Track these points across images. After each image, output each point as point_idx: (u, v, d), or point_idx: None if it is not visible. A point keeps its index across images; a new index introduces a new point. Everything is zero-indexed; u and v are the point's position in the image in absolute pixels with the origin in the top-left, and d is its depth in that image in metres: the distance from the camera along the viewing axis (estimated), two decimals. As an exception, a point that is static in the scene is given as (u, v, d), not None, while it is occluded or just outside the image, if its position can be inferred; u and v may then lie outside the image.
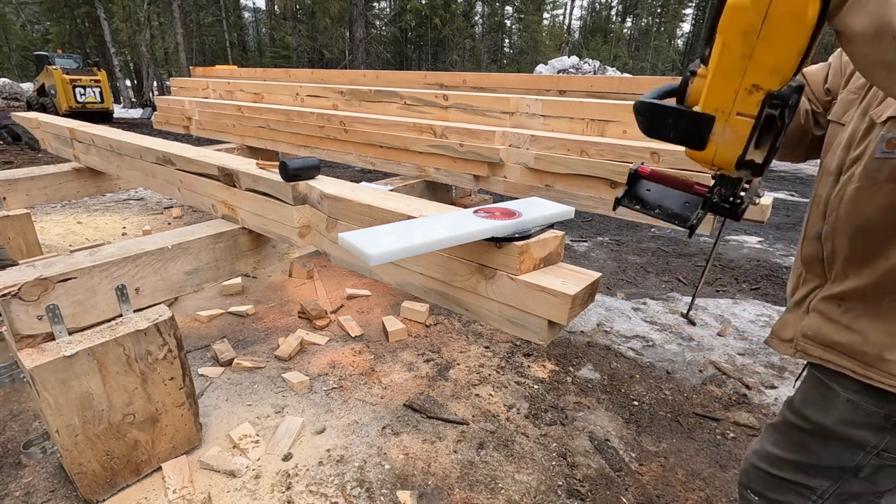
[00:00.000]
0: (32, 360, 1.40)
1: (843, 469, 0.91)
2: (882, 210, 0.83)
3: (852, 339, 0.87)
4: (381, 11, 31.19)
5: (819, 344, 0.93)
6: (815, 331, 0.93)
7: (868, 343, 0.85)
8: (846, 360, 0.88)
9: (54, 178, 3.38)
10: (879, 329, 0.84)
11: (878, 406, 0.87)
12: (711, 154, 0.73)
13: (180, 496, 1.61)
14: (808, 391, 0.97)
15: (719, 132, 0.71)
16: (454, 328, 2.83)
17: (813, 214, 0.98)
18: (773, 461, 1.00)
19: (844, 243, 0.90)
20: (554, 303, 1.06)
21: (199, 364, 2.38)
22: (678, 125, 0.74)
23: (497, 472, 1.82)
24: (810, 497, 0.96)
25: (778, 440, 1.01)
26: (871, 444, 0.88)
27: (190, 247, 1.86)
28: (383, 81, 4.23)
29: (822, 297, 0.94)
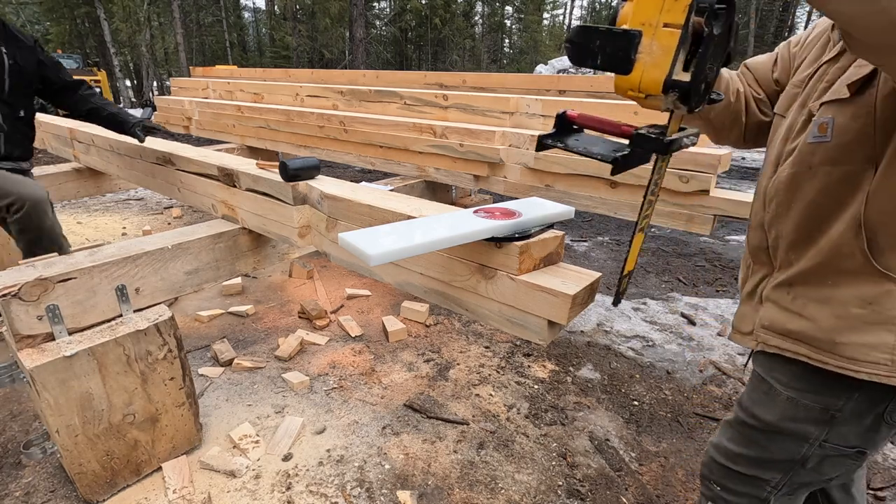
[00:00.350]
0: (32, 361, 1.40)
1: (791, 461, 0.95)
2: (819, 192, 0.85)
3: (805, 326, 0.88)
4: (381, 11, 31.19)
5: (777, 334, 0.94)
6: (771, 321, 0.94)
7: (819, 329, 0.86)
8: (802, 347, 0.89)
9: (54, 178, 3.38)
10: (826, 313, 0.85)
11: (815, 401, 0.90)
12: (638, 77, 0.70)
13: (180, 496, 1.61)
14: (753, 390, 1.00)
15: (646, 50, 0.68)
16: (454, 328, 2.83)
17: (755, 205, 1.00)
18: (730, 456, 1.05)
19: (787, 228, 0.91)
20: (554, 303, 1.06)
21: (199, 364, 2.38)
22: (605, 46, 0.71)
23: (497, 472, 1.82)
24: (765, 488, 1.01)
25: (733, 436, 1.05)
26: (814, 436, 0.91)
27: (190, 247, 1.86)
28: (383, 81, 4.23)
29: (773, 285, 0.95)
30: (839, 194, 0.83)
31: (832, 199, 0.84)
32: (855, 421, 0.88)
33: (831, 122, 0.83)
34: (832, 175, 0.83)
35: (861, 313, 0.82)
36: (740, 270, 1.08)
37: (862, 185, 0.80)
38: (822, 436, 0.91)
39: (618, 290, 0.97)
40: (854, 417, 0.88)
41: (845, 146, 0.81)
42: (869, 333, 0.81)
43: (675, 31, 0.65)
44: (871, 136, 0.78)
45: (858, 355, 0.82)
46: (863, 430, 0.89)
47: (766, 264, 0.98)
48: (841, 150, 0.82)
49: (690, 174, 2.01)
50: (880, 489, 1.78)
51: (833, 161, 0.83)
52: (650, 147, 0.76)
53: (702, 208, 2.21)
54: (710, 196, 2.18)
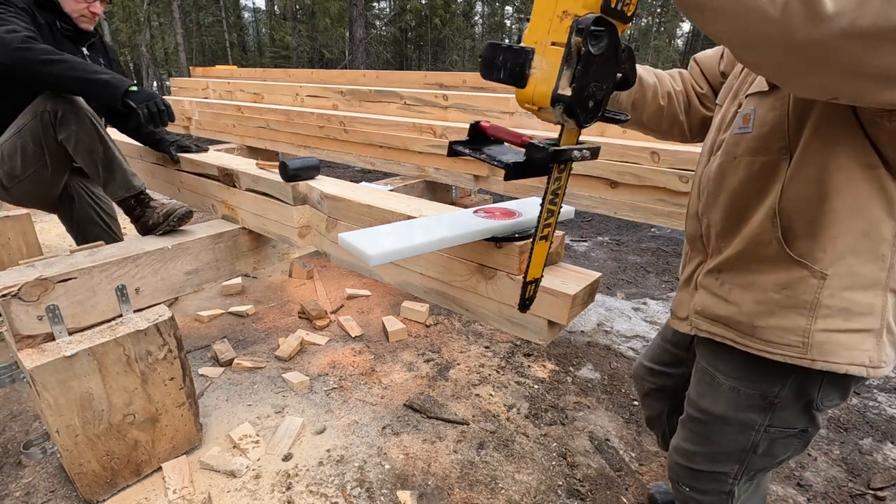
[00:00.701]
0: (32, 361, 1.40)
1: (743, 450, 0.98)
2: (741, 182, 0.89)
3: (730, 311, 0.92)
4: (381, 11, 31.17)
5: (707, 319, 0.97)
6: (703, 306, 0.98)
7: (742, 313, 0.90)
8: (728, 332, 0.93)
9: (54, 178, 3.37)
10: (749, 298, 0.89)
11: (753, 388, 0.93)
12: (531, 91, 0.76)
13: (180, 496, 1.61)
14: (698, 382, 1.04)
15: (538, 66, 0.74)
16: (454, 328, 2.83)
17: (691, 195, 1.05)
18: (688, 456, 1.07)
19: (716, 217, 0.95)
20: (554, 302, 1.06)
21: (199, 364, 2.39)
22: (507, 62, 0.77)
23: (497, 472, 1.82)
24: (727, 481, 1.03)
25: (687, 435, 1.08)
26: (758, 423, 0.95)
27: (190, 247, 1.86)
28: (383, 81, 4.23)
29: (705, 272, 0.99)
30: (759, 184, 0.86)
31: (753, 188, 0.87)
32: (793, 406, 0.92)
33: (753, 114, 0.86)
34: (753, 165, 0.87)
35: (778, 298, 0.85)
36: (682, 259, 1.11)
37: (778, 175, 0.83)
38: (765, 422, 0.94)
39: (523, 297, 0.99)
40: (791, 403, 0.91)
41: (764, 137, 0.84)
42: (784, 317, 0.85)
43: (560, 49, 0.71)
44: (785, 127, 0.81)
45: (774, 338, 0.86)
46: (801, 413, 0.92)
47: (701, 252, 1.02)
48: (760, 140, 0.85)
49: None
50: (880, 489, 1.78)
51: (753, 151, 0.86)
52: (537, 155, 0.81)
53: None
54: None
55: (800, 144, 0.80)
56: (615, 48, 0.73)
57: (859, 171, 0.76)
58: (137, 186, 1.93)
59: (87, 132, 1.77)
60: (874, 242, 0.79)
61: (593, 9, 0.70)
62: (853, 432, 2.10)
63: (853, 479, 1.85)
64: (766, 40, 0.58)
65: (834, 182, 0.77)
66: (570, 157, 0.81)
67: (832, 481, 1.83)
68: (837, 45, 0.54)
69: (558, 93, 0.73)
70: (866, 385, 2.41)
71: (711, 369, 0.99)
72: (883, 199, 0.77)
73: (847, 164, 0.76)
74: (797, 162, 0.80)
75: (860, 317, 0.82)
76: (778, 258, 0.84)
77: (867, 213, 0.78)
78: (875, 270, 0.80)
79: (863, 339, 0.82)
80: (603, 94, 0.76)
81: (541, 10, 0.73)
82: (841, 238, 0.79)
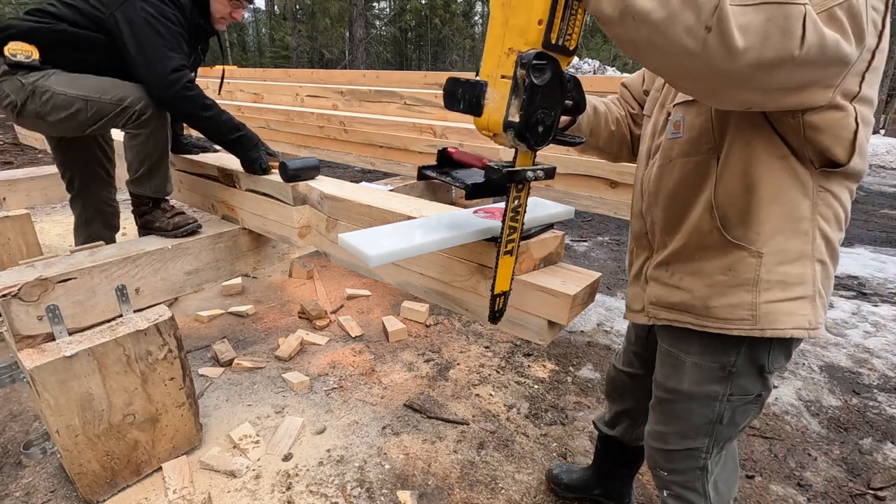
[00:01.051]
0: (32, 361, 1.40)
1: (711, 423, 1.07)
2: (678, 181, 0.99)
3: (684, 297, 1.01)
4: (381, 11, 31.17)
5: (663, 307, 1.06)
6: (657, 297, 1.07)
7: (695, 297, 0.99)
8: (686, 316, 1.02)
9: (54, 178, 3.37)
10: (699, 283, 0.99)
11: (714, 360, 1.02)
12: (486, 119, 0.84)
13: (180, 496, 1.61)
14: (663, 365, 1.12)
15: (491, 96, 0.83)
16: (454, 328, 2.83)
17: (634, 195, 1.15)
18: (662, 437, 1.14)
19: (659, 215, 1.05)
20: (554, 303, 1.06)
21: (199, 364, 2.39)
22: (464, 94, 0.86)
23: (497, 472, 1.82)
24: (700, 456, 1.11)
25: (658, 418, 1.15)
26: (721, 393, 1.03)
27: (190, 247, 1.86)
28: (383, 81, 4.23)
29: (654, 266, 1.08)
30: (694, 182, 0.97)
31: (689, 186, 0.98)
32: (748, 373, 1.01)
33: (682, 120, 0.98)
34: (687, 166, 0.98)
35: (724, 279, 0.95)
36: (627, 256, 1.21)
37: (710, 172, 0.94)
38: (727, 392, 1.03)
39: (492, 309, 1.05)
40: (746, 370, 1.01)
41: (693, 140, 0.96)
42: (733, 296, 0.95)
43: (509, 81, 0.80)
44: (710, 130, 0.93)
45: (727, 315, 0.96)
46: (756, 379, 1.02)
47: (647, 248, 1.12)
48: (690, 143, 0.96)
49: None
50: (880, 489, 1.78)
51: (686, 154, 0.98)
52: (493, 176, 0.90)
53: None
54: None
55: (724, 145, 0.91)
56: (559, 78, 0.82)
57: (776, 162, 0.88)
58: (167, 192, 1.94)
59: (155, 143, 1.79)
60: (796, 221, 0.90)
61: (535, 45, 0.79)
62: (853, 432, 2.10)
63: (853, 479, 1.85)
64: (691, 72, 0.71)
65: (757, 174, 0.89)
66: (525, 178, 0.90)
67: (832, 481, 1.83)
68: (749, 72, 0.68)
69: (508, 120, 0.82)
70: (866, 385, 2.42)
71: (674, 350, 1.08)
72: (798, 183, 0.89)
73: (764, 157, 0.88)
74: (724, 160, 0.92)
75: (795, 286, 0.93)
76: (719, 245, 0.95)
77: (787, 196, 0.89)
78: (800, 245, 0.91)
79: (801, 306, 0.93)
80: (552, 120, 0.85)
81: (491, 47, 0.83)
82: (769, 221, 0.90)
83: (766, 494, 1.76)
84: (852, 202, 0.95)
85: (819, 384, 2.42)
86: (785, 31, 0.65)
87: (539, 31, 0.78)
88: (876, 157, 11.90)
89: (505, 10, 0.81)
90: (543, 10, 0.77)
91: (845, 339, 2.87)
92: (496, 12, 0.82)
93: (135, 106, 1.69)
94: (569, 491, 1.69)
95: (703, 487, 1.13)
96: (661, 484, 1.20)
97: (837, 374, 2.51)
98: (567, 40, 0.82)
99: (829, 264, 0.96)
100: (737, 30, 0.65)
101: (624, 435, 1.51)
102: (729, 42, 0.65)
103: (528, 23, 0.78)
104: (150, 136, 1.75)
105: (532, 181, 0.91)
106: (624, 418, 1.50)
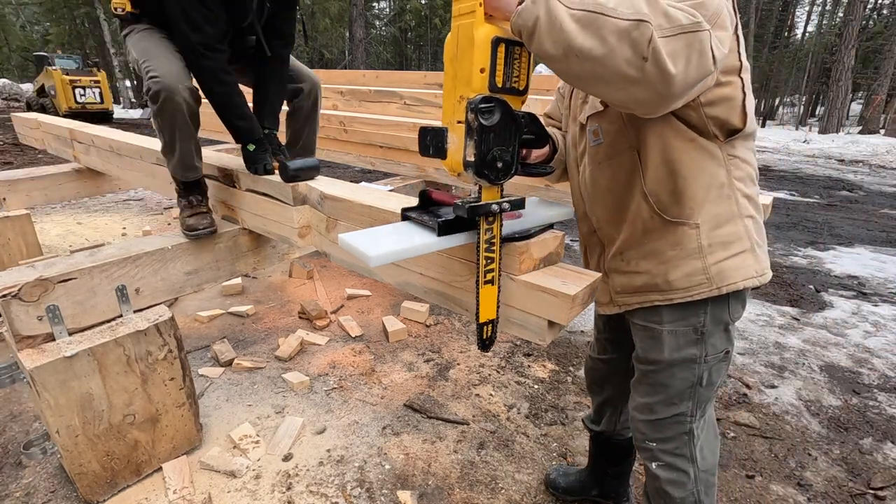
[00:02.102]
0: (33, 361, 1.40)
1: (692, 386, 1.15)
2: (610, 180, 1.12)
3: (645, 279, 1.12)
4: (380, 11, 31.16)
5: (630, 293, 1.16)
6: (622, 285, 1.18)
7: (655, 276, 1.10)
8: (652, 295, 1.12)
9: (54, 178, 3.38)
10: (654, 263, 1.10)
11: (686, 325, 1.11)
12: (450, 161, 0.94)
13: (181, 496, 1.61)
14: (642, 340, 1.19)
15: (451, 140, 0.93)
16: (454, 328, 2.83)
17: (574, 200, 1.27)
18: (648, 409, 1.21)
19: (601, 213, 1.17)
20: (554, 303, 1.06)
21: (199, 364, 2.39)
22: (432, 140, 0.96)
23: (497, 471, 1.82)
24: (685, 420, 1.18)
25: (644, 391, 1.22)
26: (698, 356, 1.12)
27: (190, 247, 1.86)
28: (383, 81, 4.23)
29: (609, 259, 1.19)
30: (624, 178, 1.09)
31: (620, 182, 1.10)
32: (716, 330, 1.11)
33: (600, 129, 1.10)
34: (614, 166, 1.10)
35: (674, 254, 1.07)
36: (582, 258, 1.33)
37: (636, 167, 1.06)
38: (703, 353, 1.12)
39: (480, 338, 1.10)
40: (714, 328, 1.11)
41: (613, 143, 1.09)
42: (685, 266, 1.07)
43: (462, 125, 0.89)
44: (626, 132, 1.05)
45: (687, 283, 1.07)
46: (723, 334, 1.12)
47: (598, 244, 1.23)
48: (612, 146, 1.09)
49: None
50: (880, 489, 1.78)
51: (611, 156, 1.10)
52: (458, 213, 0.98)
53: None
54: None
55: (641, 141, 1.04)
56: (511, 116, 0.90)
57: (687, 144, 1.01)
58: (185, 177, 1.88)
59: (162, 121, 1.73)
60: (718, 188, 1.04)
61: (481, 91, 0.87)
62: (853, 432, 2.10)
63: (853, 479, 1.85)
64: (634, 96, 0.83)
65: (674, 158, 1.02)
66: (489, 211, 0.97)
67: (832, 481, 1.83)
68: (682, 90, 0.81)
69: (466, 160, 0.90)
70: (866, 385, 2.42)
71: (649, 324, 1.16)
72: (710, 156, 1.02)
73: (677, 143, 1.01)
74: (644, 153, 1.04)
75: (733, 244, 1.06)
76: (661, 225, 1.07)
77: (705, 170, 1.02)
78: (727, 208, 1.05)
79: (744, 259, 1.06)
80: (510, 155, 0.93)
81: (446, 97, 0.93)
82: (696, 194, 1.03)
83: (766, 494, 1.76)
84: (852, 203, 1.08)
85: (819, 384, 2.42)
86: (702, 54, 0.79)
87: (483, 78, 0.87)
88: (876, 157, 11.90)
89: (453, 64, 0.90)
90: (484, 59, 0.86)
91: (845, 338, 2.87)
92: (447, 66, 0.92)
93: (149, 83, 1.66)
94: (567, 494, 1.70)
95: (690, 453, 1.19)
96: (649, 456, 1.25)
97: (837, 374, 2.51)
98: (515, 81, 0.90)
99: (756, 217, 1.09)
100: (667, 57, 0.77)
101: (609, 426, 1.55)
102: (664, 68, 0.77)
103: (472, 73, 0.87)
104: (156, 115, 1.72)
105: (498, 213, 0.99)
106: (607, 408, 1.54)
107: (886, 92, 18.34)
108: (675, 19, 0.78)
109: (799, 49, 30.94)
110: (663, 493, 1.22)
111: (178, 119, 1.71)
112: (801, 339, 2.85)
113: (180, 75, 1.66)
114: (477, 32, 0.86)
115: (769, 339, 2.84)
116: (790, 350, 2.72)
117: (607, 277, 1.20)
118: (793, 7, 28.19)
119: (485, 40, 0.86)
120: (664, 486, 1.21)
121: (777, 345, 2.78)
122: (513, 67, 0.89)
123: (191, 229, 1.85)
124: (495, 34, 0.86)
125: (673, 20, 0.78)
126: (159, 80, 1.63)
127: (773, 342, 2.80)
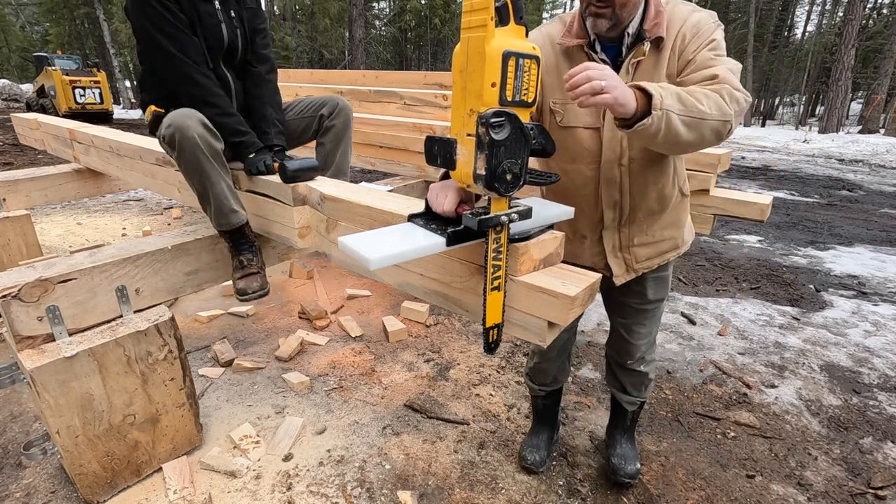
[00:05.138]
0: (33, 362, 1.40)
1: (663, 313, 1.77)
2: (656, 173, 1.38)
3: (669, 244, 1.49)
4: (380, 11, 31.13)
5: (654, 257, 1.48)
6: (647, 255, 1.47)
7: (677, 237, 1.49)
8: (671, 253, 1.50)
9: (54, 179, 3.38)
10: (674, 229, 1.48)
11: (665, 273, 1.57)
12: (459, 173, 0.95)
13: (181, 497, 1.61)
14: (653, 287, 1.56)
15: (460, 152, 0.94)
16: (454, 328, 2.83)
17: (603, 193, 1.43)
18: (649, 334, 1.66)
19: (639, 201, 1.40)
20: (554, 304, 1.06)
21: (199, 365, 2.39)
22: (440, 151, 0.97)
23: (498, 471, 1.82)
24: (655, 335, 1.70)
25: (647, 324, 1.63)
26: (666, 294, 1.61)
27: (190, 247, 1.86)
28: (383, 81, 4.23)
29: (634, 236, 1.44)
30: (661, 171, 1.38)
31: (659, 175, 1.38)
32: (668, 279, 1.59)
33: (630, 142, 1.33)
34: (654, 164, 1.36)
35: (684, 218, 1.51)
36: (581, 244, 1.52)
37: (668, 163, 1.38)
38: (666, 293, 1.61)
39: (486, 341, 1.13)
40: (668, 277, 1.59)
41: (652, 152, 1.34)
42: (687, 225, 1.54)
43: (473, 138, 0.90)
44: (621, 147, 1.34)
45: (689, 237, 1.56)
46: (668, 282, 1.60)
47: (615, 229, 1.45)
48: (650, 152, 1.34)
49: (690, 173, 2.01)
50: (880, 488, 1.78)
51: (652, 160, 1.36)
52: (469, 223, 0.99)
53: (702, 207, 2.21)
54: (709, 195, 2.18)
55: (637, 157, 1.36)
56: (520, 130, 0.90)
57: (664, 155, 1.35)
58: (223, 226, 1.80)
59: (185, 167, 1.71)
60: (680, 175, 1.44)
61: (492, 104, 0.87)
62: (853, 431, 2.10)
63: (853, 479, 1.85)
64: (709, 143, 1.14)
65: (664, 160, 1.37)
66: (498, 222, 0.99)
67: (832, 480, 1.83)
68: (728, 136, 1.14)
69: (477, 173, 0.91)
70: (866, 385, 2.42)
71: (661, 273, 1.55)
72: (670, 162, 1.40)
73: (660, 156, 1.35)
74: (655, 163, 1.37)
75: None
76: (680, 201, 1.47)
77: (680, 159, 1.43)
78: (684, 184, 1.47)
79: None
80: (519, 167, 0.94)
81: (455, 109, 0.93)
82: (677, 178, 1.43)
83: (766, 494, 1.76)
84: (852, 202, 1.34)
85: (819, 384, 2.42)
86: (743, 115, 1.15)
87: (493, 92, 0.87)
88: (876, 157, 11.90)
89: (463, 76, 0.90)
90: (495, 74, 0.86)
91: (845, 338, 2.87)
92: (456, 78, 0.92)
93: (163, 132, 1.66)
94: (542, 465, 1.82)
95: (653, 353, 1.74)
96: (637, 364, 1.70)
97: (838, 374, 2.51)
98: (525, 94, 0.90)
99: None
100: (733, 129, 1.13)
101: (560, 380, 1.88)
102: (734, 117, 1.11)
103: (483, 86, 0.87)
104: (178, 162, 1.71)
105: (506, 224, 1.00)
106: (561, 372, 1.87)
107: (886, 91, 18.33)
108: (742, 106, 1.10)
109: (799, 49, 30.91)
110: (647, 381, 1.74)
111: (199, 157, 1.66)
112: (801, 338, 2.85)
113: (188, 113, 1.66)
114: (488, 47, 0.85)
115: (769, 338, 2.84)
116: (790, 350, 2.72)
117: (628, 254, 1.46)
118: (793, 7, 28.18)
119: (496, 55, 0.85)
120: (649, 376, 1.73)
121: (777, 344, 2.78)
122: (522, 80, 0.89)
123: (241, 293, 1.81)
124: (506, 48, 0.86)
125: (740, 107, 1.10)
126: (171, 125, 1.64)
127: (773, 342, 2.80)
